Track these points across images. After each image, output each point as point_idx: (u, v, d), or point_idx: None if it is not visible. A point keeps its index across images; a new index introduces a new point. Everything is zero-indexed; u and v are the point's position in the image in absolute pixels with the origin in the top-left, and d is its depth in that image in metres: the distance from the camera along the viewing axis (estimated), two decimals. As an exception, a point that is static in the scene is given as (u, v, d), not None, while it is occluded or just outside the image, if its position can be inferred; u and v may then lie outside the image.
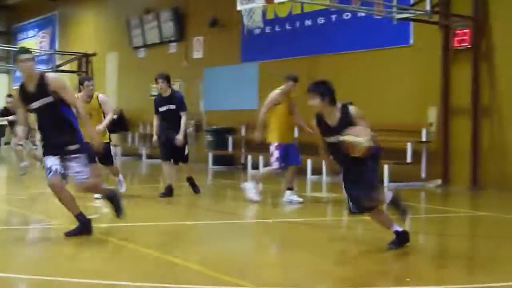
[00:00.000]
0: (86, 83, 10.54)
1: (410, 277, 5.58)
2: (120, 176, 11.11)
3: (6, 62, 30.82)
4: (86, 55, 25.64)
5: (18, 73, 30.91)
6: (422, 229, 8.88)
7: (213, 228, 8.49)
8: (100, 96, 10.66)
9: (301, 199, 10.33)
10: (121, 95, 23.68)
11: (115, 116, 23.02)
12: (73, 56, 26.06)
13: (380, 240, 6.92)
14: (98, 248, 7.03)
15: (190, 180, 11.33)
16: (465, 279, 5.77)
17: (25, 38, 30.70)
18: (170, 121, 10.92)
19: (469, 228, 9.19)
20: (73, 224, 7.89)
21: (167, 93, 11.00)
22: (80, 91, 10.64)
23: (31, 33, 30.25)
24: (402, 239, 6.54)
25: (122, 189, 10.81)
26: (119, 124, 22.67)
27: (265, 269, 5.97)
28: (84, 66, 25.66)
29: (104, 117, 10.50)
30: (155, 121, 11.11)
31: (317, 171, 14.37)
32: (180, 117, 10.89)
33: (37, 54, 28.89)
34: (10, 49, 30.20)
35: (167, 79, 11.01)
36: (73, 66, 25.87)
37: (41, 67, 27.21)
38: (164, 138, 10.96)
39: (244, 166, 17.07)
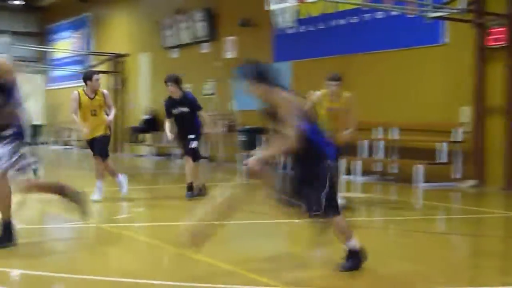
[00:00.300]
0: (95, 76, 10.27)
1: (444, 278, 5.52)
2: (120, 177, 10.51)
3: (40, 63, 31.24)
4: (119, 56, 25.86)
5: (53, 74, 31.36)
6: (455, 230, 8.80)
7: (244, 227, 8.47)
8: (104, 90, 10.48)
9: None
10: (154, 96, 23.81)
11: (148, 116, 23.22)
12: (106, 57, 26.31)
13: (414, 240, 6.86)
14: (131, 247, 7.07)
15: (191, 185, 10.64)
16: (499, 280, 5.70)
17: (58, 39, 31.03)
18: (183, 125, 10.60)
19: (504, 229, 9.06)
20: (109, 223, 7.99)
21: (178, 95, 10.58)
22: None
23: (64, 34, 30.57)
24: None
25: (124, 190, 10.42)
26: (152, 125, 22.84)
27: (296, 269, 5.94)
28: (117, 67, 25.89)
29: (107, 114, 10.39)
30: (167, 124, 10.72)
31: (347, 171, 14.28)
32: (193, 119, 10.59)
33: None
34: (44, 50, 30.63)
35: (177, 81, 10.59)
36: (107, 67, 26.10)
37: (75, 68, 27.52)
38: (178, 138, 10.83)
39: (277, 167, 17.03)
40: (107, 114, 10.45)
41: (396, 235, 7.83)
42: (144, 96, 24.43)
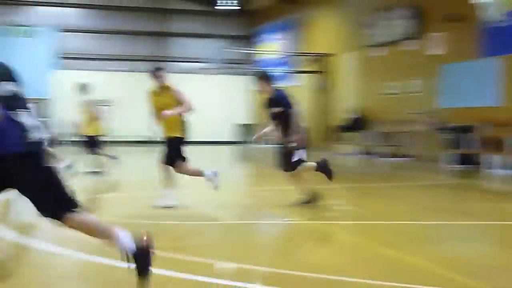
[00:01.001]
0: (157, 73, 9.57)
1: None
2: (208, 172, 9.68)
3: (248, 65, 32.53)
4: (325, 56, 26.27)
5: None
6: None
7: (449, 228, 8.36)
8: (174, 87, 9.65)
9: None
10: (358, 94, 23.96)
11: (354, 115, 23.32)
12: (311, 58, 26.84)
13: None
14: (334, 244, 7.25)
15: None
16: None
17: (265, 41, 32.07)
18: (277, 126, 9.50)
19: None
20: (315, 220, 8.22)
21: (269, 94, 9.53)
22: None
23: (272, 35, 31.54)
24: None
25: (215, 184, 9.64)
26: (358, 123, 23.02)
27: (502, 272, 5.80)
28: (323, 66, 26.31)
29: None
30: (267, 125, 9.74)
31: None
32: (287, 119, 9.34)
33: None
34: (250, 52, 31.86)
35: (265, 78, 9.51)
36: (313, 67, 26.64)
37: (282, 69, 28.35)
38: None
39: (482, 166, 16.47)
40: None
41: None
42: (350, 95, 24.63)
